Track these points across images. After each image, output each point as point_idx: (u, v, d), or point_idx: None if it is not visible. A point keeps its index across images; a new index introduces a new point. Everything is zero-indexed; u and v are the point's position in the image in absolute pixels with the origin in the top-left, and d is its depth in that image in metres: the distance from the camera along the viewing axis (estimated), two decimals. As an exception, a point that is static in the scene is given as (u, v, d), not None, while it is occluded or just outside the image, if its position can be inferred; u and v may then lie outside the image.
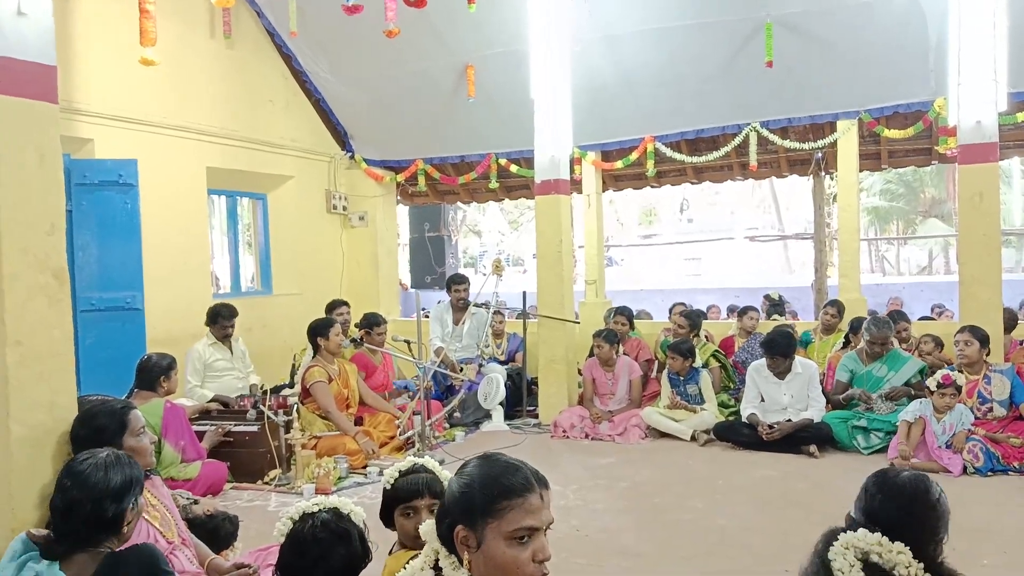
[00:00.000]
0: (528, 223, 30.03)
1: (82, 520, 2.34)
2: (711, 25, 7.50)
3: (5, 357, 3.10)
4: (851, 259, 8.20)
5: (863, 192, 22.86)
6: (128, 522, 2.43)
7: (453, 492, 1.69)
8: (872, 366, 6.23)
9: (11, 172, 3.16)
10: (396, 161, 9.96)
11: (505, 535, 1.61)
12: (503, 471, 1.68)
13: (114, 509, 2.38)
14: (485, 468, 1.70)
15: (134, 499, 2.45)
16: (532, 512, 1.63)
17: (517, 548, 1.62)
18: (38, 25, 3.28)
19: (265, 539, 3.92)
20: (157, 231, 7.01)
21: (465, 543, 1.65)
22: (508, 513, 1.62)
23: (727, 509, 4.74)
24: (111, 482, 2.39)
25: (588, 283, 9.31)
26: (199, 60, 7.86)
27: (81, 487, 2.37)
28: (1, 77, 3.15)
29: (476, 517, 1.63)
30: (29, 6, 3.23)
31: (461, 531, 1.65)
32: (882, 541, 1.90)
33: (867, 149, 8.46)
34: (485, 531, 1.62)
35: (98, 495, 2.36)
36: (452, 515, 1.67)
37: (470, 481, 1.68)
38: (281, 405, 5.56)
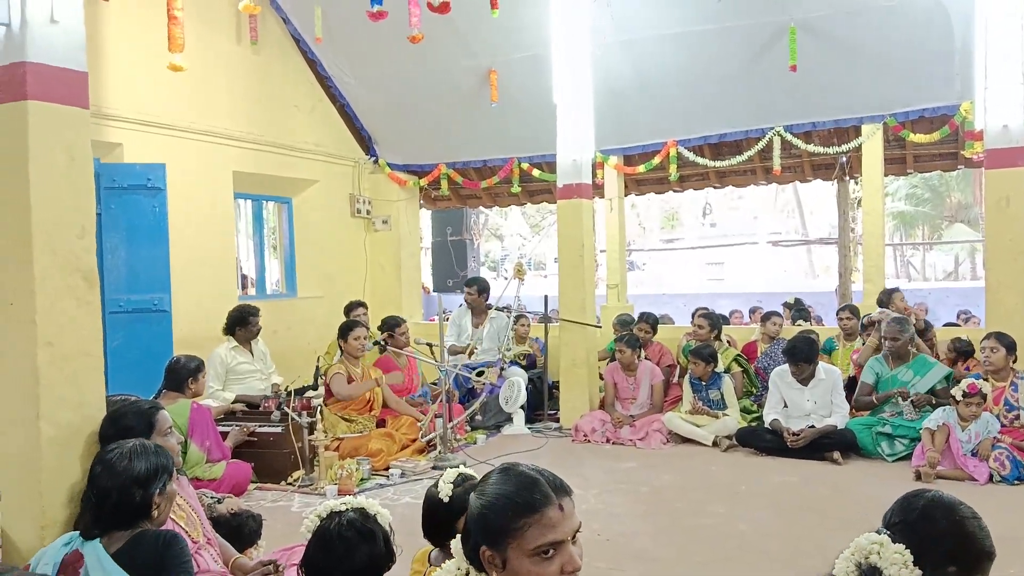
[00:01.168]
0: (550, 227, 30.00)
1: (112, 505, 2.48)
2: (733, 29, 7.48)
3: (36, 357, 3.16)
4: (876, 264, 8.14)
5: (888, 197, 22.65)
6: (157, 506, 2.54)
7: (473, 512, 1.65)
8: (898, 370, 6.17)
9: (43, 175, 3.23)
10: (419, 165, 10.02)
11: (528, 553, 1.56)
12: (518, 488, 1.62)
13: (141, 495, 2.50)
14: (501, 486, 1.64)
15: (161, 485, 2.56)
16: (552, 526, 1.57)
17: (543, 564, 1.56)
18: (70, 32, 3.35)
19: (288, 539, 3.96)
20: (184, 234, 7.11)
21: (491, 563, 1.61)
22: (527, 531, 1.56)
23: (748, 515, 4.72)
24: (136, 469, 2.52)
25: (610, 287, 9.31)
26: (226, 66, 7.96)
27: (109, 475, 2.51)
28: (34, 83, 3.22)
29: (496, 537, 1.59)
30: (61, 13, 3.30)
31: (486, 552, 1.61)
32: (883, 542, 1.87)
33: (892, 153, 8.39)
34: (508, 551, 1.57)
35: (125, 482, 2.49)
36: (475, 535, 1.63)
37: (487, 501, 1.64)
38: (305, 407, 5.61)
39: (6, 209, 3.26)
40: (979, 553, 1.88)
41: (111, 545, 2.44)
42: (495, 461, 5.87)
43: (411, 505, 4.97)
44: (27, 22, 3.19)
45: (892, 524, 1.98)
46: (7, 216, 3.25)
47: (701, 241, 31.18)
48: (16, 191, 3.21)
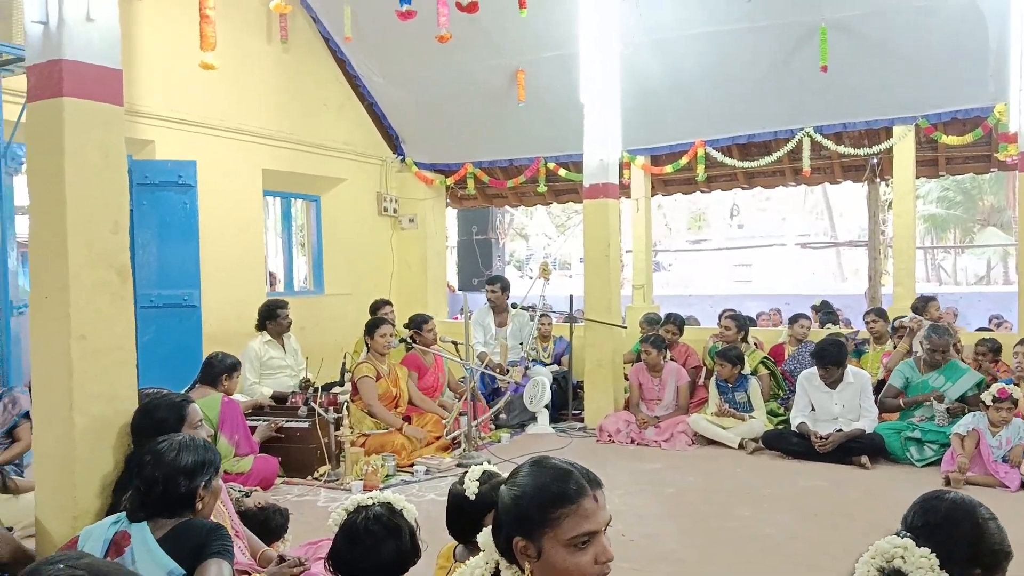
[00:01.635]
0: (575, 227, 29.96)
1: (158, 494, 2.55)
2: (763, 28, 7.42)
3: (70, 350, 3.22)
4: (906, 267, 8.04)
5: (919, 199, 22.35)
6: (201, 499, 2.61)
7: (506, 503, 1.67)
8: (929, 375, 6.09)
9: (78, 171, 3.28)
10: (446, 164, 10.06)
11: (564, 543, 1.59)
12: (553, 478, 1.65)
13: (186, 485, 2.57)
14: (536, 477, 1.67)
15: (207, 479, 2.62)
16: (588, 517, 1.61)
17: (578, 554, 1.60)
18: (105, 30, 3.40)
19: (314, 533, 4.00)
20: (214, 231, 7.19)
21: (525, 553, 1.63)
22: (564, 521, 1.60)
23: (774, 518, 4.68)
24: (183, 461, 2.59)
25: (636, 288, 9.28)
26: (256, 64, 8.04)
27: (157, 465, 2.58)
28: (70, 80, 3.27)
29: (532, 528, 1.61)
30: (97, 12, 3.35)
31: (519, 542, 1.63)
32: (907, 545, 1.85)
33: (924, 155, 8.28)
34: (543, 541, 1.60)
35: (171, 472, 2.56)
36: (508, 526, 1.65)
37: (522, 492, 1.66)
38: (331, 402, 5.66)
39: (42, 204, 3.32)
40: (1001, 553, 1.92)
41: (157, 531, 2.52)
42: (519, 459, 5.86)
43: (435, 502, 4.99)
44: (64, 20, 3.25)
45: (914, 527, 1.97)
46: (43, 211, 3.31)
47: (728, 242, 30.99)
48: (52, 187, 3.26)
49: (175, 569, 2.42)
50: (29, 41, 3.34)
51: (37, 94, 3.32)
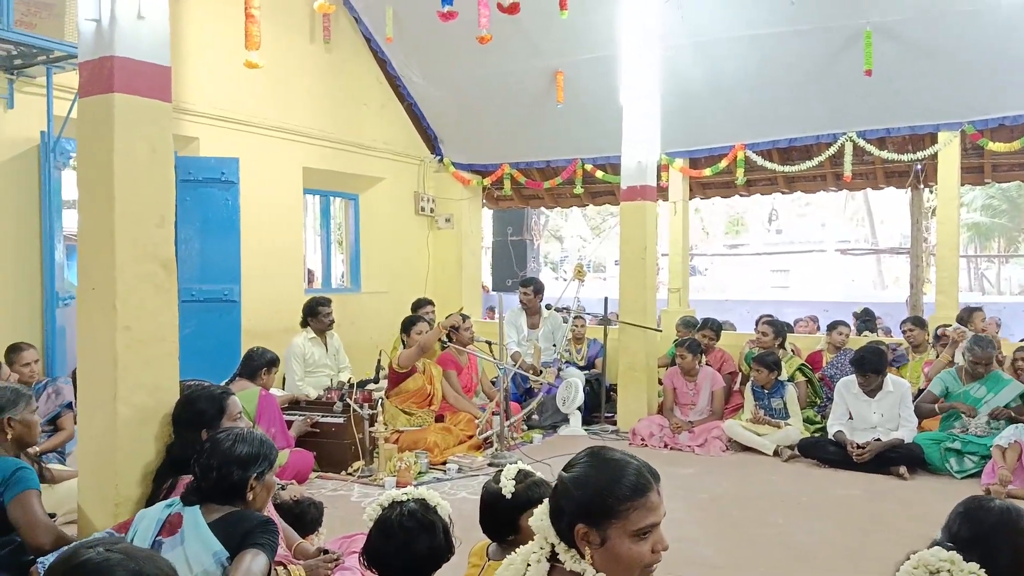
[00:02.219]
0: (610, 229, 29.88)
1: (212, 481, 2.66)
2: (807, 32, 7.33)
3: (115, 341, 3.29)
4: (949, 276, 7.89)
5: (963, 207, 21.91)
6: (252, 489, 2.69)
7: (571, 492, 1.72)
8: (970, 386, 5.97)
9: (126, 166, 3.35)
10: (483, 165, 10.09)
11: (630, 534, 1.67)
12: (622, 471, 1.71)
13: (239, 475, 2.67)
14: (603, 469, 1.73)
15: (259, 472, 2.72)
16: (653, 510, 1.70)
17: (640, 543, 1.68)
18: (155, 28, 3.47)
19: (348, 527, 4.04)
20: (255, 227, 7.29)
21: (587, 539, 1.68)
22: (632, 513, 1.67)
23: (809, 526, 4.63)
24: (237, 452, 2.70)
25: (671, 291, 9.23)
26: (299, 63, 8.14)
27: (213, 453, 2.69)
28: (120, 76, 3.34)
29: (600, 518, 1.67)
30: (148, 10, 3.42)
31: (582, 529, 1.68)
32: (954, 559, 1.81)
33: (969, 162, 8.13)
34: (609, 530, 1.67)
35: (225, 461, 2.67)
36: (572, 514, 1.70)
37: (589, 482, 1.71)
38: (366, 399, 5.71)
39: (92, 198, 3.39)
40: None
41: (209, 515, 2.61)
42: (551, 461, 5.88)
43: (467, 500, 5.01)
44: (116, 18, 3.32)
45: (959, 537, 1.93)
46: (92, 205, 3.39)
47: (766, 247, 30.65)
48: (101, 181, 3.34)
49: (220, 551, 2.50)
50: (82, 38, 3.42)
51: (88, 90, 3.39)
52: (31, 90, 5.88)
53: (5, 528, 3.01)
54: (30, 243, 5.95)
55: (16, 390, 3.29)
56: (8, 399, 3.22)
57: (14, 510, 2.99)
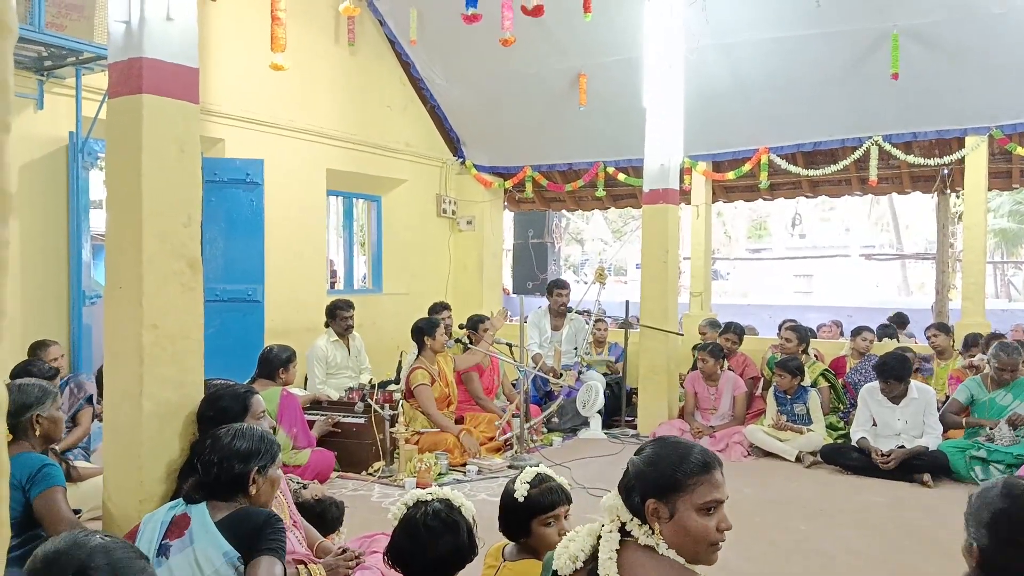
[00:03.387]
0: (632, 233, 29.77)
1: (213, 476, 2.68)
2: (832, 35, 7.28)
3: (141, 338, 3.32)
4: (976, 282, 7.80)
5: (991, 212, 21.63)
6: (254, 483, 2.72)
7: (642, 470, 1.87)
8: (996, 393, 5.90)
9: (154, 166, 3.39)
10: (505, 167, 10.10)
11: (697, 507, 1.81)
12: (688, 451, 1.88)
13: (240, 468, 2.69)
14: (672, 449, 1.89)
15: (260, 466, 2.74)
16: (718, 486, 1.84)
17: (707, 518, 1.82)
18: (184, 30, 3.50)
19: (369, 527, 4.06)
20: (279, 228, 7.35)
21: (656, 515, 1.82)
22: (699, 487, 1.82)
23: (832, 533, 4.58)
24: (236, 446, 2.73)
25: (693, 295, 9.18)
26: (324, 66, 8.20)
27: (214, 449, 2.73)
28: (149, 77, 3.38)
29: (669, 492, 1.82)
30: (176, 12, 3.45)
31: (652, 503, 1.82)
32: None
33: (997, 167, 8.01)
34: (677, 504, 1.81)
35: (225, 456, 2.70)
36: (642, 490, 1.84)
37: (660, 460, 1.87)
38: (387, 400, 5.74)
39: (119, 197, 3.43)
40: None
41: (215, 514, 2.62)
42: (571, 464, 5.88)
43: (487, 502, 5.01)
44: (145, 20, 3.35)
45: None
46: (120, 203, 3.43)
47: (789, 252, 30.41)
48: (130, 180, 3.37)
49: (230, 551, 2.51)
50: (112, 39, 3.46)
51: (118, 90, 3.43)
52: (60, 91, 5.97)
53: (31, 524, 3.05)
54: (57, 242, 6.03)
55: (43, 387, 3.34)
56: (36, 396, 3.26)
57: (40, 506, 3.03)
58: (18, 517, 3.01)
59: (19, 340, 5.60)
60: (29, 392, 3.26)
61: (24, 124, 5.79)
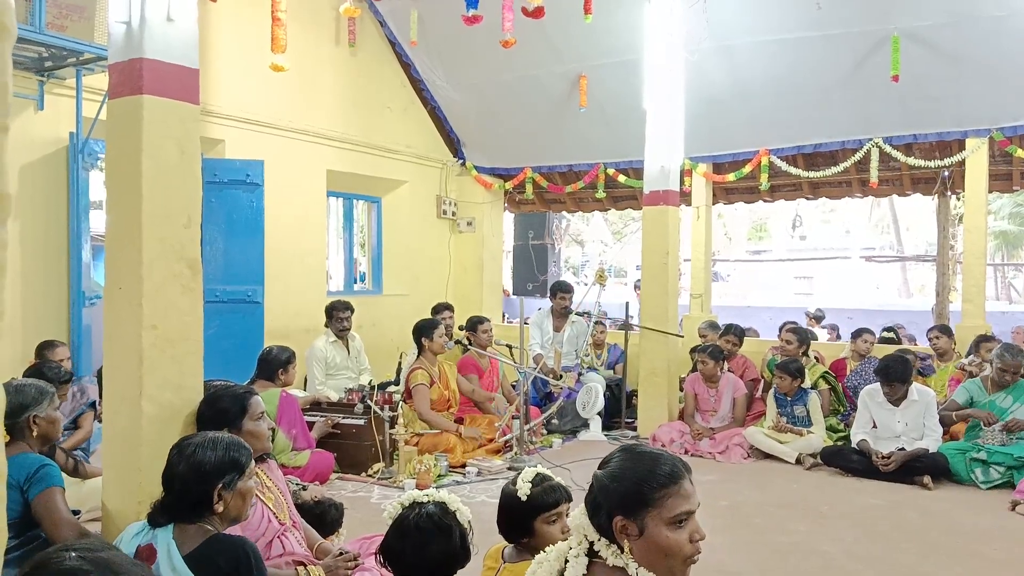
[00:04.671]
0: (632, 234, 29.80)
1: (176, 493, 2.52)
2: (833, 37, 7.28)
3: (141, 339, 3.31)
4: (976, 284, 7.79)
5: (991, 215, 21.64)
6: (220, 500, 2.52)
7: (607, 486, 1.78)
8: (996, 395, 5.89)
9: (154, 167, 3.38)
10: (505, 169, 10.11)
11: (666, 521, 1.72)
12: (655, 462, 1.78)
13: (199, 488, 2.50)
14: (637, 461, 1.80)
15: (227, 481, 2.53)
16: (687, 497, 1.75)
17: (678, 531, 1.73)
18: (184, 31, 3.50)
19: (368, 528, 4.05)
20: (279, 229, 7.35)
21: (625, 532, 1.74)
22: (667, 501, 1.73)
23: (832, 535, 4.58)
24: (198, 460, 2.53)
25: (693, 297, 9.18)
26: (324, 67, 8.20)
27: (178, 462, 2.56)
28: (149, 78, 3.37)
29: (637, 508, 1.73)
30: (177, 13, 3.45)
31: (620, 521, 1.74)
32: None
33: (998, 169, 8.00)
34: (646, 520, 1.72)
35: (188, 470, 2.52)
36: (609, 507, 1.76)
37: (624, 474, 1.78)
38: (387, 401, 5.73)
39: (120, 198, 3.42)
40: None
41: (184, 544, 2.42)
42: (570, 465, 5.88)
43: (487, 504, 5.01)
44: (146, 20, 3.35)
45: None
46: (120, 204, 3.42)
47: (790, 254, 30.41)
48: (129, 181, 3.36)
49: None
50: (112, 40, 3.45)
51: (118, 91, 3.42)
52: (61, 92, 5.97)
53: (31, 524, 3.05)
54: (58, 243, 6.03)
55: (40, 388, 3.33)
56: (33, 397, 3.26)
57: (38, 507, 3.02)
58: (17, 518, 3.00)
59: (20, 341, 5.61)
60: (26, 392, 3.26)
61: (24, 125, 5.79)
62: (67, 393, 4.84)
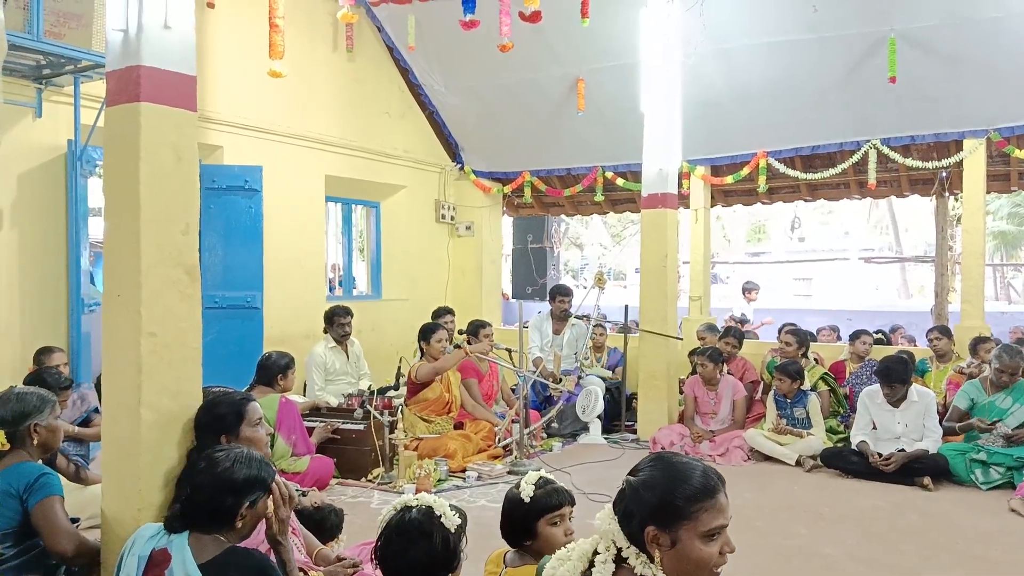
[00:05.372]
0: (631, 237, 29.80)
1: (201, 503, 2.53)
2: (830, 39, 7.29)
3: (139, 346, 3.30)
4: (975, 285, 7.79)
5: (989, 215, 21.65)
6: (242, 517, 2.56)
7: (641, 495, 1.76)
8: (996, 396, 5.89)
9: (152, 173, 3.38)
10: (503, 173, 10.11)
11: (700, 535, 1.71)
12: (690, 474, 1.76)
13: (231, 501, 2.54)
14: (672, 471, 1.77)
15: (253, 499, 2.58)
16: (722, 511, 1.74)
17: (710, 544, 1.72)
18: (181, 38, 3.50)
19: (368, 534, 4.04)
20: (277, 235, 7.34)
21: (656, 542, 1.72)
22: (703, 515, 1.71)
23: (833, 537, 4.58)
24: (234, 474, 2.57)
25: (692, 299, 9.18)
26: (322, 72, 8.21)
27: (208, 472, 2.58)
28: (147, 85, 3.37)
29: (671, 519, 1.71)
30: (174, 20, 3.45)
31: (652, 531, 1.72)
32: None
33: (995, 170, 8.01)
34: (680, 532, 1.71)
35: (219, 484, 2.54)
36: (642, 517, 1.74)
37: (659, 485, 1.75)
38: (387, 406, 5.73)
39: (117, 205, 3.42)
40: None
41: (200, 553, 2.44)
42: (570, 469, 5.87)
43: (487, 508, 5.01)
44: (143, 28, 3.35)
45: None
46: (118, 212, 3.42)
47: (788, 255, 30.43)
48: (127, 188, 3.36)
49: None
50: (109, 47, 3.46)
51: (115, 98, 3.43)
52: (59, 99, 5.98)
53: (30, 533, 3.04)
54: (56, 250, 6.03)
55: (42, 396, 3.33)
56: (34, 405, 3.26)
57: (37, 516, 3.02)
58: (16, 526, 3.00)
59: (18, 347, 5.60)
60: (27, 401, 3.25)
61: (23, 132, 5.79)
62: (67, 400, 4.84)
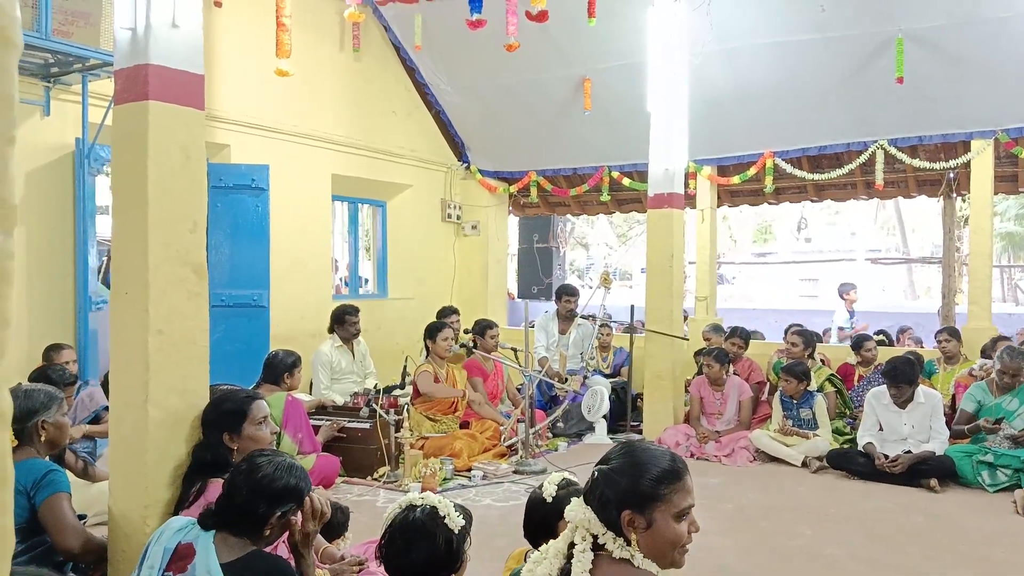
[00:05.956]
0: (636, 237, 29.79)
1: (235, 505, 2.56)
2: (837, 39, 7.28)
3: (147, 344, 3.32)
4: (982, 286, 7.77)
5: (997, 216, 21.58)
6: (271, 526, 2.58)
7: (616, 481, 1.86)
8: (1002, 399, 5.87)
9: (160, 172, 3.39)
10: (509, 172, 10.11)
11: (673, 515, 1.84)
12: (660, 459, 1.90)
13: (264, 509, 2.56)
14: (644, 457, 1.90)
15: (285, 510, 2.61)
16: (689, 492, 1.89)
17: (682, 523, 1.86)
18: (189, 37, 3.51)
19: (373, 532, 4.04)
20: (284, 234, 7.36)
21: (633, 525, 1.83)
22: (674, 496, 1.85)
23: (838, 538, 4.57)
24: (274, 483, 2.59)
25: (698, 299, 9.17)
26: (329, 71, 8.22)
27: (248, 476, 2.60)
28: (155, 84, 3.39)
29: (646, 502, 1.83)
30: (182, 19, 3.46)
31: (628, 515, 1.82)
32: None
33: (1003, 171, 7.99)
34: (655, 513, 1.83)
35: (256, 489, 2.57)
36: (618, 502, 1.84)
37: (632, 470, 1.87)
38: (392, 404, 5.74)
39: (126, 203, 3.44)
40: None
41: (224, 552, 2.49)
42: (576, 468, 5.87)
43: (492, 507, 5.02)
44: (151, 27, 3.36)
45: None
46: (126, 210, 3.44)
47: (795, 256, 30.38)
48: (135, 186, 3.38)
49: None
50: (118, 46, 3.47)
51: (124, 97, 3.44)
52: (67, 97, 6.00)
53: (37, 529, 3.06)
54: (64, 248, 6.05)
55: (49, 393, 3.34)
56: (41, 402, 3.27)
57: (44, 513, 3.03)
58: (23, 523, 3.01)
59: (25, 346, 5.62)
60: (35, 398, 3.27)
61: (31, 131, 5.81)
62: (72, 395, 4.86)
